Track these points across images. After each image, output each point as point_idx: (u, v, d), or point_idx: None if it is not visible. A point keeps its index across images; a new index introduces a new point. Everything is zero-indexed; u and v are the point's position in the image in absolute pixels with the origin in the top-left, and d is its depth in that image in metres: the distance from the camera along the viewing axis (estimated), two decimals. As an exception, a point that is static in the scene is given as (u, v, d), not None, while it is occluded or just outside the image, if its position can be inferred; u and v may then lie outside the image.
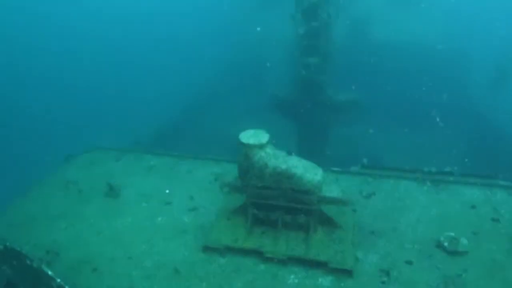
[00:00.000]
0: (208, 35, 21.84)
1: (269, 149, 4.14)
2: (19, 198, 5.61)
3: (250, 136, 4.15)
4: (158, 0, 31.09)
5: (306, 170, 4.11)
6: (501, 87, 12.06)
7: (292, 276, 4.10)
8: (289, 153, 4.24)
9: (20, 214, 5.28)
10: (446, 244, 4.29)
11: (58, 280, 3.60)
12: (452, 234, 4.40)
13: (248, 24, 15.36)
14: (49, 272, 3.64)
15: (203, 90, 15.03)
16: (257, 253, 4.33)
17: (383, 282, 3.96)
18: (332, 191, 4.33)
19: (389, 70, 12.38)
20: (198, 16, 26.37)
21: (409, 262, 4.16)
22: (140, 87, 18.77)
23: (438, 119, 11.60)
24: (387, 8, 14.03)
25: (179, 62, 20.94)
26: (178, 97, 14.43)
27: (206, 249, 4.45)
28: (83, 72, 21.66)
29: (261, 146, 4.08)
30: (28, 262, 3.65)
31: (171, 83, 17.89)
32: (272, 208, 4.41)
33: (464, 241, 4.30)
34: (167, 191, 5.61)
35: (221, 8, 17.37)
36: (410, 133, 11.77)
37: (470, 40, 13.78)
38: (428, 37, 13.10)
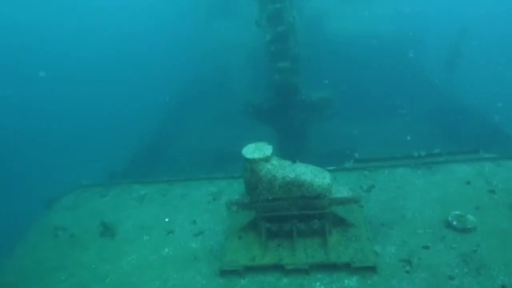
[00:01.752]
0: (167, 50, 21.39)
1: (274, 161, 4.07)
2: (5, 257, 5.11)
3: (254, 151, 4.06)
4: (111, 17, 30.04)
5: (314, 175, 4.09)
6: (455, 67, 12.84)
7: (318, 284, 4.05)
8: (293, 161, 4.19)
9: (10, 273, 4.81)
10: (455, 223, 4.43)
11: None
12: (458, 212, 4.56)
13: (207, 34, 15.26)
14: None
15: (171, 107, 14.69)
16: (277, 268, 4.24)
17: (407, 272, 4.01)
18: (341, 191, 4.33)
19: (348, 64, 12.73)
20: (153, 32, 25.73)
21: (426, 247, 4.25)
22: (104, 113, 17.94)
23: (399, 106, 12.13)
24: (339, 2, 14.47)
25: (141, 82, 20.27)
26: (146, 118, 13.97)
27: (224, 273, 4.28)
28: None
29: (267, 159, 4.00)
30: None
31: (136, 105, 17.28)
32: (284, 218, 4.34)
33: (470, 217, 4.47)
34: (167, 219, 5.36)
35: (177, 21, 17.11)
36: (379, 122, 12.13)
37: (421, 26, 14.53)
38: (382, 28, 13.66)
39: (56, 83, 22.06)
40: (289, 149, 8.97)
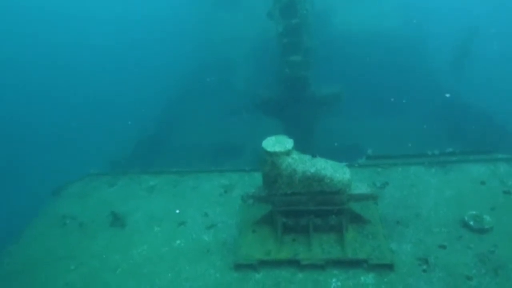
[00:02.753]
0: (170, 40, 21.12)
1: (295, 154, 4.00)
2: (12, 244, 5.02)
3: (274, 144, 3.98)
4: (114, 8, 29.55)
5: (335, 171, 4.03)
6: (462, 66, 12.82)
7: (334, 280, 4.01)
8: (313, 155, 4.13)
9: (18, 261, 4.72)
10: (471, 223, 4.41)
11: None
12: (474, 212, 4.54)
13: (210, 25, 15.08)
14: None
15: (174, 97, 14.52)
16: (292, 263, 4.19)
17: (424, 271, 3.99)
18: (360, 187, 4.28)
19: (355, 61, 12.63)
20: (157, 22, 25.31)
21: (442, 246, 4.23)
22: (105, 102, 17.67)
23: (405, 103, 12.08)
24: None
25: (143, 72, 19.97)
26: (149, 108, 13.80)
27: (238, 266, 4.23)
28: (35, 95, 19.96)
29: (288, 153, 3.93)
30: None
31: (138, 95, 17.06)
32: (301, 213, 4.29)
33: (487, 217, 4.45)
34: (177, 211, 5.29)
35: (180, 12, 16.87)
36: (385, 119, 12.06)
37: (427, 24, 14.44)
38: (389, 26, 13.56)
39: (57, 74, 21.70)
40: (296, 144, 8.90)
